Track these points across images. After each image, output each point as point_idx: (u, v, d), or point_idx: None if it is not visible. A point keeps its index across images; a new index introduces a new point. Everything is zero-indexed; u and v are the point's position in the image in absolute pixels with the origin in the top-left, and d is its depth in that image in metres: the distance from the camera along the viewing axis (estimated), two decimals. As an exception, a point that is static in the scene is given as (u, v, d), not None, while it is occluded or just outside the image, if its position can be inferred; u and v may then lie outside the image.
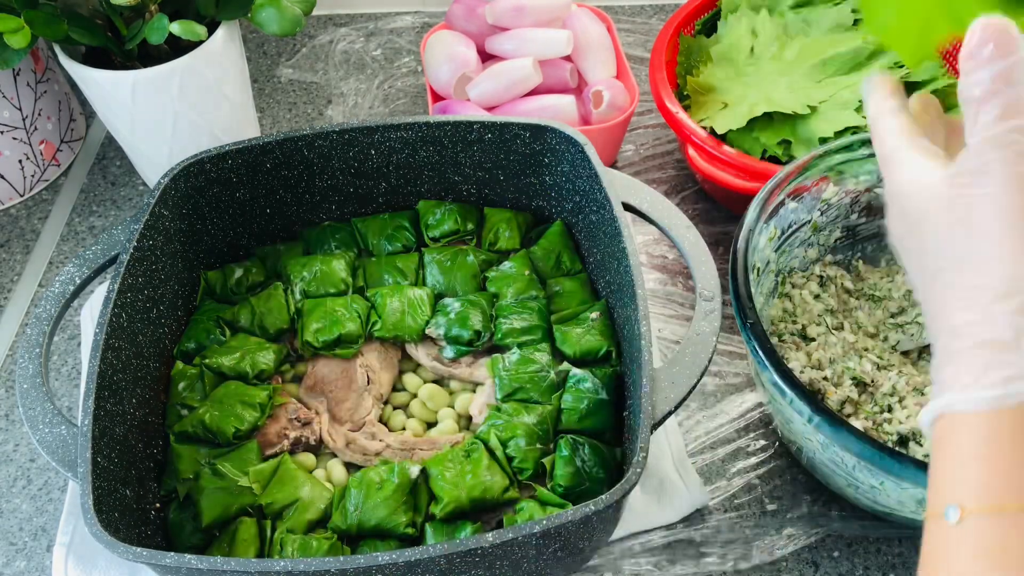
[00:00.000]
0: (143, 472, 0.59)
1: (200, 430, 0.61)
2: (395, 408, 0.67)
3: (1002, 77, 0.36)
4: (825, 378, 0.65)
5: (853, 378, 0.64)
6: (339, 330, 0.66)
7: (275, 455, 0.62)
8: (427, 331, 0.67)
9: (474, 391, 0.67)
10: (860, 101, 0.73)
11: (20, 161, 0.85)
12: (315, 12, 1.06)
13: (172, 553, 0.47)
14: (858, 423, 0.62)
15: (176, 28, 0.67)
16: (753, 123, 0.76)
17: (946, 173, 0.39)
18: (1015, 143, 0.36)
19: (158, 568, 0.48)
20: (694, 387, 0.54)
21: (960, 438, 0.36)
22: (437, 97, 0.88)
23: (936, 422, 0.37)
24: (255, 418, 0.62)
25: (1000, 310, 0.36)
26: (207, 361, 0.65)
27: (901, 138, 0.42)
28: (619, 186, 0.64)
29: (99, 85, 0.72)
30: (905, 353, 0.67)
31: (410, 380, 0.68)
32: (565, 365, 0.65)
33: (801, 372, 0.65)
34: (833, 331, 0.69)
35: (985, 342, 0.36)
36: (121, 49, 0.72)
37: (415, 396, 0.67)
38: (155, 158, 0.80)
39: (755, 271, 0.63)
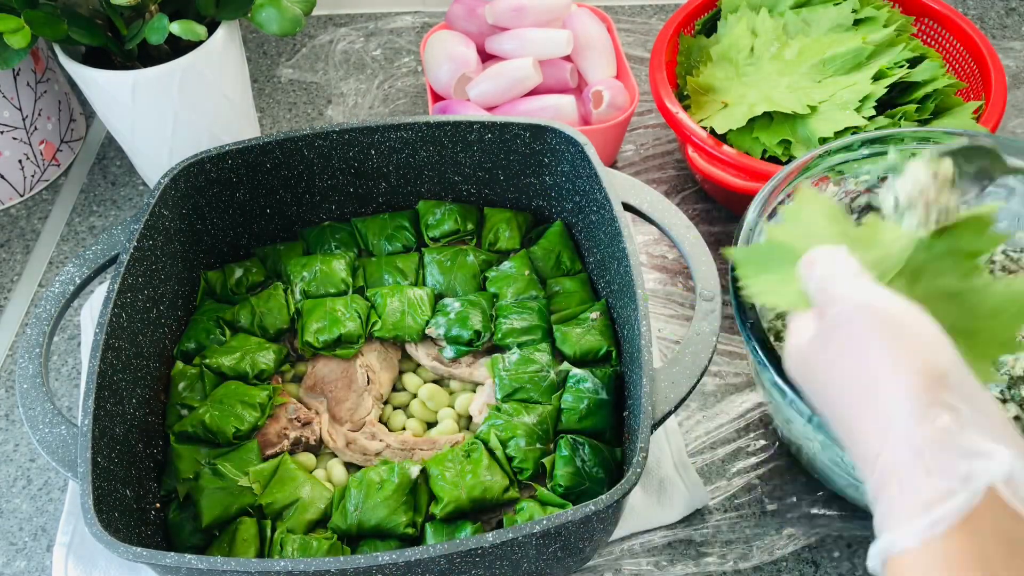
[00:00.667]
0: (143, 472, 0.59)
1: (200, 430, 0.61)
2: (395, 408, 0.67)
3: (819, 281, 0.43)
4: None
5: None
6: (339, 330, 0.66)
7: (275, 455, 0.62)
8: (427, 331, 0.67)
9: (474, 391, 0.67)
10: (860, 101, 0.73)
11: (20, 161, 0.85)
12: (315, 12, 1.06)
13: (172, 553, 0.47)
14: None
15: (176, 28, 0.67)
16: (753, 123, 0.76)
17: (813, 329, 0.42)
18: (827, 290, 0.41)
19: (158, 568, 0.48)
20: (694, 387, 0.54)
21: None
22: (437, 97, 0.88)
23: (887, 566, 0.36)
24: (255, 418, 0.62)
25: (898, 433, 0.35)
26: (207, 361, 0.65)
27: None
28: (619, 186, 0.64)
29: (99, 85, 0.72)
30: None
31: (410, 380, 0.68)
32: (565, 365, 0.65)
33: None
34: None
35: (895, 470, 0.35)
36: (121, 49, 0.72)
37: (415, 396, 0.67)
38: (155, 158, 0.80)
39: (755, 271, 0.63)
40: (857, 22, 0.80)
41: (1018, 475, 0.34)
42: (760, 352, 0.54)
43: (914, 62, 0.78)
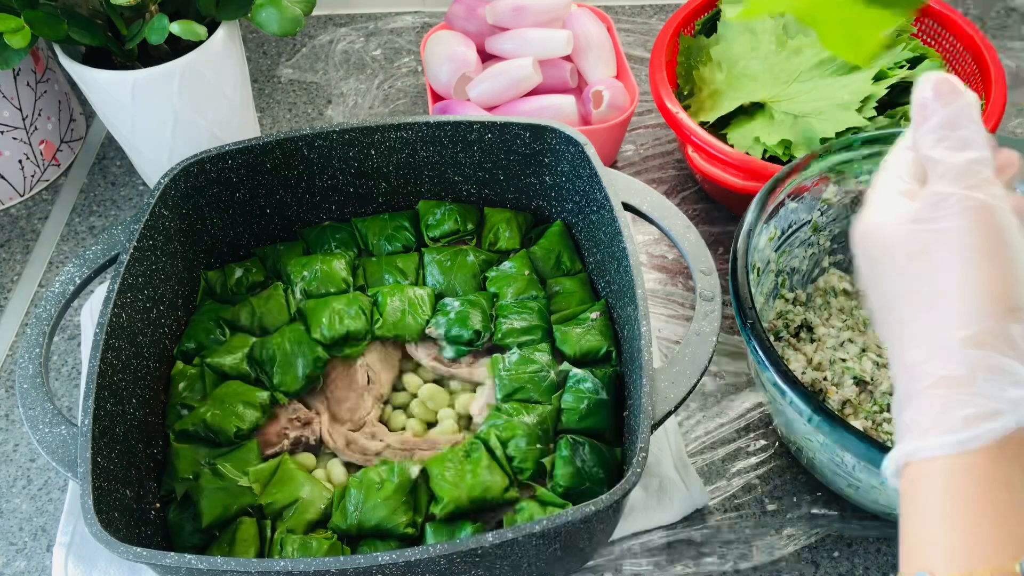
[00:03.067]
0: (143, 472, 0.59)
1: (201, 429, 0.61)
2: (395, 408, 0.67)
3: (948, 124, 0.38)
4: (825, 378, 0.65)
5: (854, 377, 0.64)
6: (347, 327, 0.66)
7: (275, 455, 0.62)
8: (427, 331, 0.67)
9: (474, 391, 0.67)
10: (861, 101, 0.73)
11: (20, 161, 0.85)
12: (315, 12, 1.06)
13: (172, 553, 0.47)
14: (858, 423, 0.62)
15: (176, 28, 0.67)
16: (754, 123, 0.76)
17: (906, 210, 0.39)
18: (971, 174, 0.37)
19: (158, 568, 0.48)
20: (694, 387, 0.54)
21: (926, 492, 0.35)
22: (437, 97, 0.88)
23: (902, 472, 0.36)
24: (256, 418, 0.62)
25: (954, 345, 0.35)
26: (208, 361, 0.65)
27: (891, 175, 0.42)
28: (619, 186, 0.64)
29: (99, 85, 0.72)
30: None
31: (410, 380, 0.68)
32: (565, 365, 0.65)
33: (803, 373, 0.65)
34: (833, 330, 0.69)
35: (941, 380, 0.35)
36: (121, 49, 0.72)
37: (415, 396, 0.67)
38: (155, 158, 0.80)
39: (755, 271, 0.63)
40: (857, 22, 0.80)
41: None
42: (760, 352, 0.54)
43: (914, 62, 0.78)
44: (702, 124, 0.78)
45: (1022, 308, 0.36)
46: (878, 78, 0.75)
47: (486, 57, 0.90)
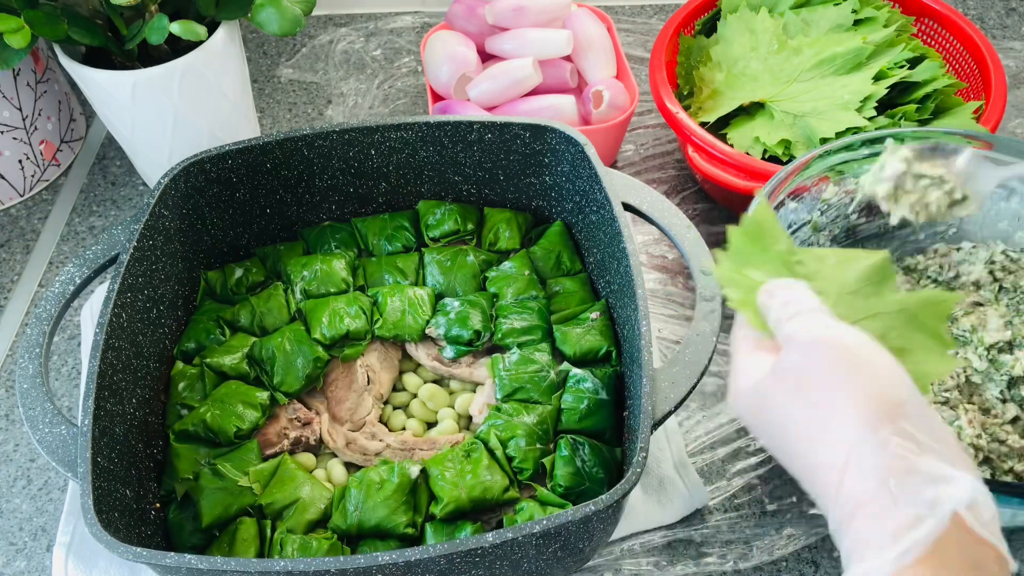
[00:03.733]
0: (143, 472, 0.59)
1: (201, 429, 0.61)
2: (395, 408, 0.67)
3: (778, 313, 0.43)
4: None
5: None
6: (347, 327, 0.66)
7: (275, 455, 0.62)
8: (427, 331, 0.67)
9: (474, 391, 0.67)
10: (861, 101, 0.73)
11: (20, 161, 0.85)
12: (315, 12, 1.06)
13: (172, 553, 0.47)
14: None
15: (176, 28, 0.67)
16: (754, 123, 0.76)
17: (765, 362, 0.42)
18: (794, 311, 0.42)
19: (158, 568, 0.48)
20: (694, 387, 0.54)
21: None
22: (437, 97, 0.88)
23: None
24: (256, 418, 0.62)
25: (856, 459, 0.35)
26: (208, 360, 0.65)
27: (740, 337, 0.45)
28: (619, 186, 0.64)
29: (99, 85, 0.72)
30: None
31: (410, 380, 0.68)
32: (565, 365, 0.65)
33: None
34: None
35: (860, 498, 0.35)
36: (121, 49, 0.72)
37: (415, 396, 0.67)
38: (155, 158, 0.80)
39: (755, 271, 0.63)
40: (857, 22, 0.80)
41: (979, 500, 0.34)
42: (760, 352, 0.54)
43: (914, 62, 0.78)
44: (702, 124, 0.78)
45: (905, 401, 0.36)
46: (878, 78, 0.75)
47: (486, 57, 0.90)
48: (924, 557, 0.33)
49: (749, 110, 0.78)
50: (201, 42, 0.72)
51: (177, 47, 0.74)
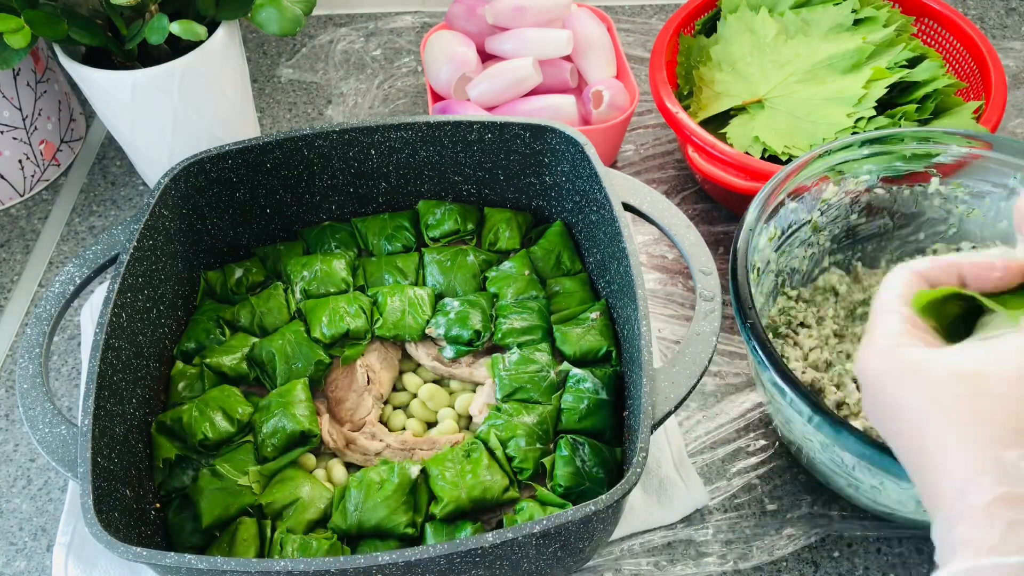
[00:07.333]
0: (143, 472, 0.59)
1: (177, 426, 0.61)
2: (395, 408, 0.67)
3: None
4: (825, 378, 0.65)
5: (854, 377, 0.64)
6: (347, 327, 0.66)
7: (275, 455, 0.62)
8: (427, 331, 0.67)
9: (474, 391, 0.67)
10: (860, 101, 0.73)
11: (20, 161, 0.85)
12: (315, 12, 1.06)
13: (172, 553, 0.47)
14: (858, 423, 0.62)
15: (176, 28, 0.67)
16: (754, 123, 0.76)
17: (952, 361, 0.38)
18: None
19: (158, 568, 0.48)
20: (694, 387, 0.54)
21: None
22: (437, 97, 0.88)
23: None
24: (227, 432, 0.61)
25: (1011, 460, 0.34)
26: (208, 361, 0.65)
27: (887, 297, 0.42)
28: (619, 186, 0.64)
29: (99, 85, 0.72)
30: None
31: (410, 380, 0.68)
32: (565, 365, 0.65)
33: (803, 373, 0.65)
34: (834, 334, 0.69)
35: (1000, 498, 0.34)
36: (121, 49, 0.72)
37: (415, 396, 0.67)
38: (155, 158, 0.80)
39: (755, 271, 0.63)
40: (857, 22, 0.80)
41: None
42: (760, 352, 0.54)
43: (914, 62, 0.78)
44: (702, 124, 0.78)
45: None
46: (877, 78, 0.75)
47: (486, 57, 0.90)
48: None
49: (749, 110, 0.78)
50: (201, 42, 0.72)
51: (177, 47, 0.74)
